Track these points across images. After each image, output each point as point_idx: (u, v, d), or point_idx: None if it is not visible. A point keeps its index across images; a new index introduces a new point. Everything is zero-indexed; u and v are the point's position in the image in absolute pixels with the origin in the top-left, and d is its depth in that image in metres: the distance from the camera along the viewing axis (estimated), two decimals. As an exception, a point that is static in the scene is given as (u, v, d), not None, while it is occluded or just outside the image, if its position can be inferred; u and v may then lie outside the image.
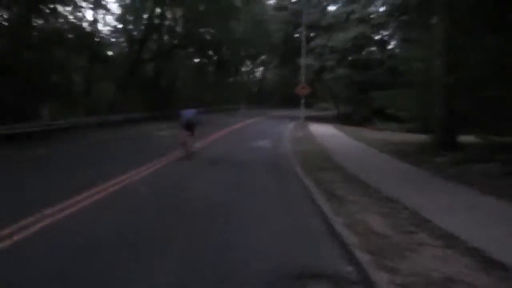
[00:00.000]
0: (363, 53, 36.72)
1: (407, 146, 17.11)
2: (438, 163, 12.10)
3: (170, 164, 11.94)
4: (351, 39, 33.51)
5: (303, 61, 22.85)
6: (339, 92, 40.67)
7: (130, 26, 30.73)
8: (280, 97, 74.35)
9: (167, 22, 31.51)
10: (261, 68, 74.59)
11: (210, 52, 36.83)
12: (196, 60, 43.03)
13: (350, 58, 35.75)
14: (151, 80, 34.23)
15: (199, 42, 33.09)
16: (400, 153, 14.80)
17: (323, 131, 26.41)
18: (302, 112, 22.58)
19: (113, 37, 31.98)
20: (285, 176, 10.94)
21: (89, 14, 43.36)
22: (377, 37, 35.67)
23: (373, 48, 37.15)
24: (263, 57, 63.81)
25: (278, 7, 42.35)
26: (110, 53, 30.55)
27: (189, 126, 12.50)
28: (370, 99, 34.83)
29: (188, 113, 12.71)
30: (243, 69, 66.65)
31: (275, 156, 14.76)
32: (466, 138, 14.71)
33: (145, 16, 29.38)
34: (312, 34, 39.29)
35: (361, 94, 35.83)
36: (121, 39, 33.39)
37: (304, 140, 20.15)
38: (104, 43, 28.35)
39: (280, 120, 37.71)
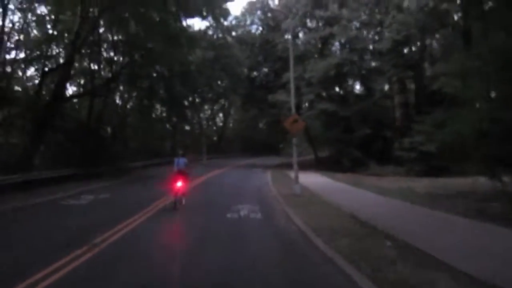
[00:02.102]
0: (348, 83, 30.76)
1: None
2: None
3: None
4: (334, 66, 27.40)
5: (292, 83, 15.71)
6: (319, 132, 34.09)
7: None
8: (243, 145, 67.30)
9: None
10: (221, 114, 67.85)
11: (161, 92, 29.33)
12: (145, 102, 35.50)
13: (332, 91, 29.49)
14: (82, 126, 26.11)
15: (145, 76, 25.63)
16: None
17: (317, 183, 19.22)
18: (294, 158, 15.24)
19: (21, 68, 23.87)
20: None
21: None
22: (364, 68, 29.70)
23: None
24: (222, 101, 57.22)
25: (241, 39, 35.94)
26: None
27: (180, 176, 11.77)
28: (366, 138, 28.41)
29: (180, 162, 12.12)
30: (201, 115, 59.59)
31: (284, 250, 7.20)
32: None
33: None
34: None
35: (348, 133, 29.37)
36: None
37: (307, 201, 12.75)
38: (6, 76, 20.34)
39: (250, 171, 30.36)
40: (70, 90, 26.03)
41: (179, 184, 11.59)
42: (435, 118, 19.53)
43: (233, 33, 35.06)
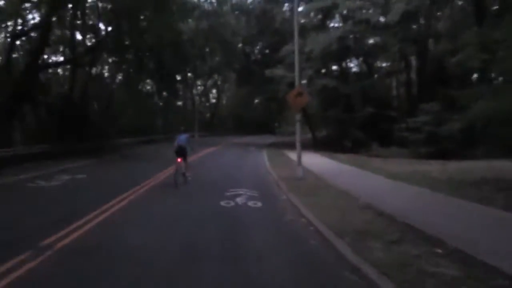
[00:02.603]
0: (350, 59, 28.84)
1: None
2: None
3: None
4: (336, 40, 25.42)
5: (297, 49, 13.69)
6: (317, 110, 32.29)
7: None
8: (236, 122, 65.44)
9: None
10: (214, 91, 65.65)
11: (150, 64, 27.00)
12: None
13: (333, 67, 27.57)
14: (65, 100, 24.05)
15: (133, 46, 23.29)
16: None
17: (319, 164, 17.58)
18: (297, 136, 13.48)
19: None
20: None
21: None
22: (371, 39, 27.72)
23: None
24: (216, 76, 54.94)
25: (237, 7, 33.35)
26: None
27: (181, 152, 11.42)
28: (369, 118, 26.66)
29: (181, 138, 11.78)
30: (194, 91, 57.37)
31: (297, 256, 5.45)
32: None
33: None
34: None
35: (349, 112, 27.67)
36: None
37: (312, 186, 11.10)
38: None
39: (245, 150, 28.73)
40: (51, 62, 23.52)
41: (179, 160, 11.36)
42: (452, 95, 17.69)
43: (229, 2, 32.32)
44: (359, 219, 6.82)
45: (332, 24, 30.22)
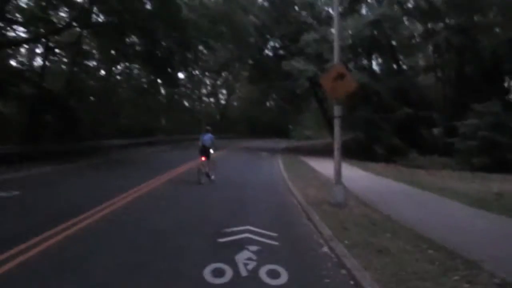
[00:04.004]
0: (382, 52, 24.27)
1: None
2: None
3: None
4: (368, 24, 20.94)
5: (337, 23, 8.97)
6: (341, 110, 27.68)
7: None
8: (248, 125, 60.95)
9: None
10: (224, 91, 61.37)
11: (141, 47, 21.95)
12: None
13: (363, 60, 23.10)
14: (44, 94, 19.92)
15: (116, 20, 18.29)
16: None
17: (355, 179, 12.96)
18: (337, 138, 8.91)
19: None
20: None
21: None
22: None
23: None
24: (225, 74, 50.57)
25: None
26: None
27: (205, 151, 11.52)
28: (405, 120, 22.02)
29: (206, 138, 11.76)
30: (203, 90, 53.27)
31: None
32: None
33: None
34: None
35: (380, 113, 23.14)
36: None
37: (365, 222, 6.75)
38: None
39: (255, 156, 24.35)
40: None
41: (203, 159, 11.47)
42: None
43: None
44: None
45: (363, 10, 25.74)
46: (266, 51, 32.92)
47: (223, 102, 61.81)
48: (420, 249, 5.12)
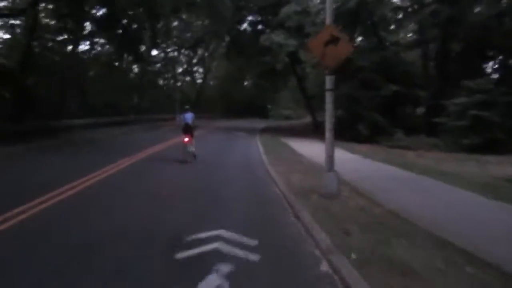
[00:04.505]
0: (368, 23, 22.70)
1: None
2: None
3: None
4: (354, -4, 19.36)
5: None
6: (321, 88, 26.22)
7: None
8: (225, 105, 58.85)
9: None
10: (201, 70, 58.83)
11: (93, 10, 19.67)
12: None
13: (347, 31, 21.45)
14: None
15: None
16: None
17: (345, 163, 11.48)
18: (328, 116, 7.38)
19: None
20: None
21: None
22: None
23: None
24: (201, 51, 48.20)
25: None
26: None
27: (188, 129, 11.53)
28: (391, 98, 20.70)
29: (187, 116, 11.72)
30: (179, 70, 50.80)
31: None
32: None
33: None
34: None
35: (365, 90, 21.77)
36: None
37: (366, 220, 5.32)
38: None
39: (231, 137, 22.77)
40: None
41: (187, 139, 11.42)
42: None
43: None
44: None
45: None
46: (244, 25, 31.00)
47: (199, 81, 59.44)
48: (455, 266, 3.72)
